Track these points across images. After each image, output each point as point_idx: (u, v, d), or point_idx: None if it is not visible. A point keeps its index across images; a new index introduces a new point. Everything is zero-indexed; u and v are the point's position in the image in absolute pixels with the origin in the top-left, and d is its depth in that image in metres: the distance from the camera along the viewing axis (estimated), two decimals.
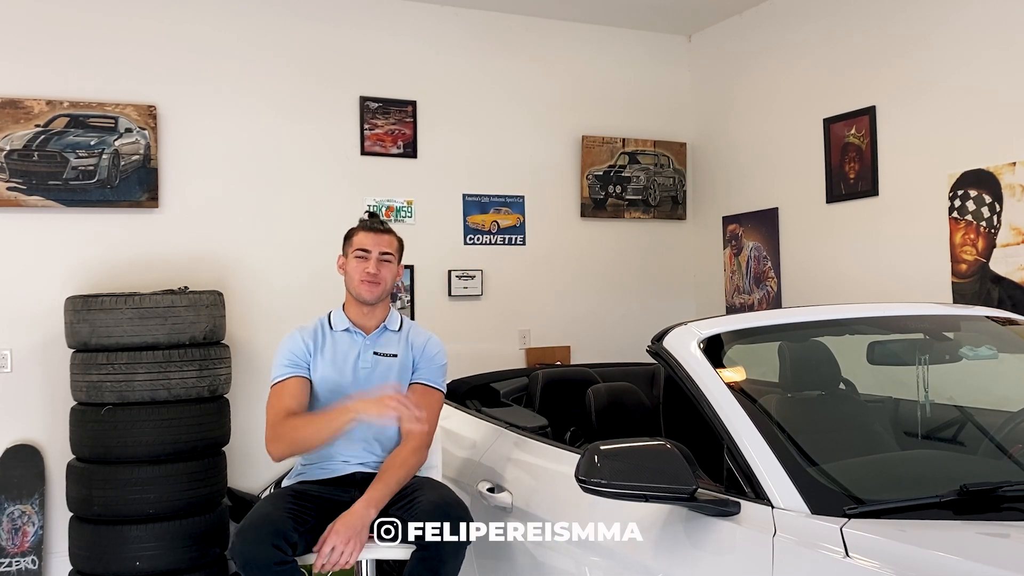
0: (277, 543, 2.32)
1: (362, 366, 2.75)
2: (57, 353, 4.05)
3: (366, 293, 2.74)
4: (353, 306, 2.81)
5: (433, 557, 2.38)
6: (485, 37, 5.16)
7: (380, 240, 2.78)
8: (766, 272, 5.10)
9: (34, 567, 4.02)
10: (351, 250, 2.79)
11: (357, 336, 2.78)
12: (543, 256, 5.27)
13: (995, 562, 1.52)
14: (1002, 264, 3.86)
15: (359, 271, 2.75)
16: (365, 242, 2.77)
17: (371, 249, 2.75)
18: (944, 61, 4.11)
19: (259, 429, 4.42)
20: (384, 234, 2.80)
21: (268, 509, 2.46)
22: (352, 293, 2.79)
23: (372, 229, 2.80)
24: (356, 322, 2.79)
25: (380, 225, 2.83)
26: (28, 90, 4.16)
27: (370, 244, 2.76)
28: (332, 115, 4.78)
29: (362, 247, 2.76)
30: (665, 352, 2.22)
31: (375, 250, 2.75)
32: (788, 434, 2.01)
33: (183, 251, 4.41)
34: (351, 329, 2.79)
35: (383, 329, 2.80)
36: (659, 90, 5.63)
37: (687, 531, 1.92)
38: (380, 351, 2.77)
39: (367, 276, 2.73)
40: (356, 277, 2.75)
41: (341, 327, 2.79)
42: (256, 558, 2.31)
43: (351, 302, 2.82)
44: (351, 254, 2.78)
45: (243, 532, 2.37)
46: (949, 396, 2.55)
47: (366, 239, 2.77)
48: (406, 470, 2.61)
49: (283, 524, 2.38)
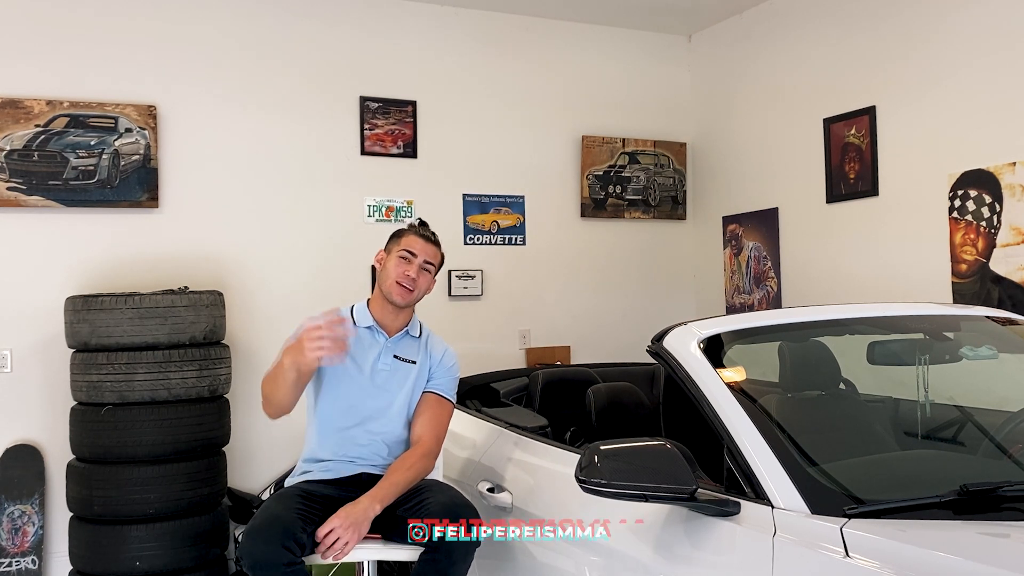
0: (287, 544, 2.31)
1: (380, 367, 2.73)
2: (57, 353, 4.05)
3: (397, 296, 2.72)
4: (379, 305, 2.78)
5: (443, 559, 2.38)
6: (485, 37, 5.16)
7: (427, 249, 2.76)
8: (766, 272, 5.10)
9: (34, 567, 4.02)
10: (397, 249, 2.75)
11: (379, 336, 2.76)
12: (543, 256, 5.27)
13: (995, 562, 1.52)
14: (1002, 264, 3.86)
15: (398, 271, 2.72)
16: (414, 245, 2.74)
17: (418, 254, 2.73)
18: (944, 61, 4.11)
19: (259, 429, 4.47)
20: (433, 244, 2.79)
21: (277, 510, 2.45)
22: (383, 291, 2.75)
23: (423, 236, 2.77)
24: (380, 321, 2.77)
25: (432, 235, 2.81)
26: (28, 90, 4.16)
27: (418, 249, 2.74)
28: (332, 115, 4.78)
29: (410, 249, 2.73)
30: (665, 352, 2.22)
31: (421, 256, 2.73)
32: (788, 434, 2.01)
33: (183, 251, 4.41)
34: (374, 328, 2.76)
35: (405, 333, 2.79)
36: (659, 90, 5.63)
37: (687, 531, 1.92)
38: (400, 355, 2.76)
39: (405, 279, 2.71)
40: (393, 276, 2.72)
41: (364, 323, 2.76)
42: (266, 559, 2.30)
43: (379, 300, 2.79)
44: (395, 252, 2.74)
45: (253, 532, 2.36)
46: (949, 396, 2.55)
47: (415, 243, 2.75)
48: (413, 473, 2.61)
49: (292, 525, 2.37)
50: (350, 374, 2.70)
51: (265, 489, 4.45)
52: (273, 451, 4.46)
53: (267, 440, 4.48)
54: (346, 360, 2.66)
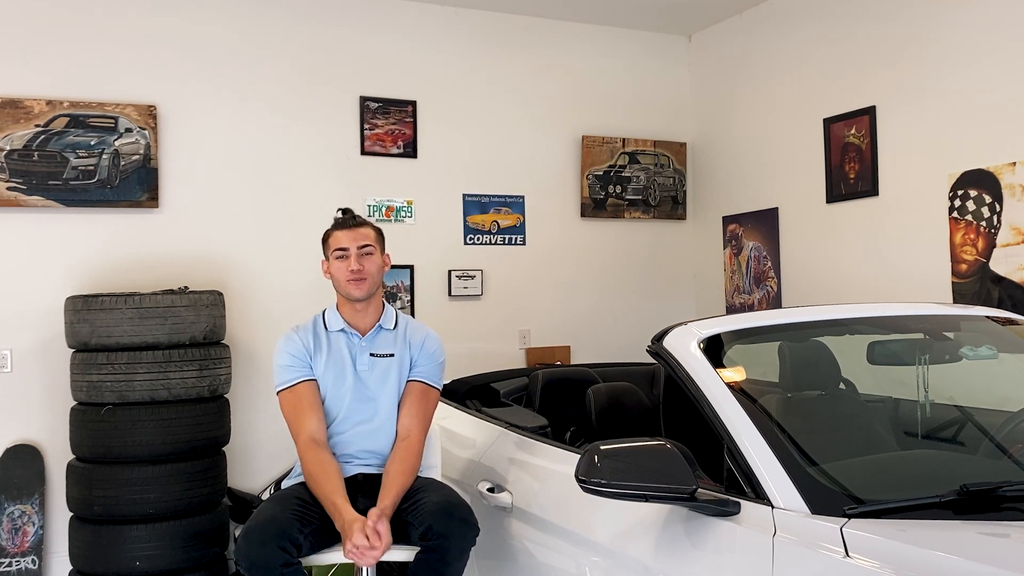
0: (283, 545, 2.31)
1: (360, 368, 2.73)
2: (57, 353, 4.06)
3: (355, 290, 2.71)
4: (346, 305, 2.78)
5: (439, 559, 2.38)
6: (485, 37, 5.16)
7: (357, 235, 2.74)
8: (766, 272, 5.10)
9: (34, 567, 4.02)
10: (331, 252, 2.75)
11: (353, 337, 2.76)
12: (543, 256, 5.27)
13: (995, 562, 1.52)
14: (1002, 264, 3.86)
15: (343, 271, 2.71)
16: (342, 240, 2.73)
17: (349, 246, 2.72)
18: (944, 61, 4.11)
19: (259, 429, 4.47)
20: (359, 227, 2.76)
21: (274, 511, 2.45)
22: (342, 294, 2.76)
23: (346, 226, 2.76)
24: (350, 321, 2.77)
25: (353, 220, 2.79)
26: (28, 90, 4.16)
27: (347, 241, 2.72)
28: (332, 115, 4.78)
29: (340, 246, 2.73)
30: (665, 352, 2.22)
31: (353, 246, 2.72)
32: (788, 434, 2.01)
33: (183, 251, 4.41)
34: (346, 330, 2.76)
35: (378, 328, 2.78)
36: (659, 90, 5.63)
37: (687, 531, 1.92)
38: (376, 352, 2.75)
39: (352, 275, 2.70)
40: (342, 278, 2.72)
41: (336, 327, 2.76)
42: (262, 560, 2.30)
43: (343, 301, 2.79)
44: (331, 256, 2.75)
45: (248, 534, 2.36)
46: (949, 396, 2.55)
47: (343, 237, 2.74)
48: (411, 474, 2.61)
49: (289, 526, 2.37)
50: (336, 384, 2.71)
51: (265, 489, 4.45)
52: (273, 451, 4.46)
53: (267, 440, 4.48)
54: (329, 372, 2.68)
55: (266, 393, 4.52)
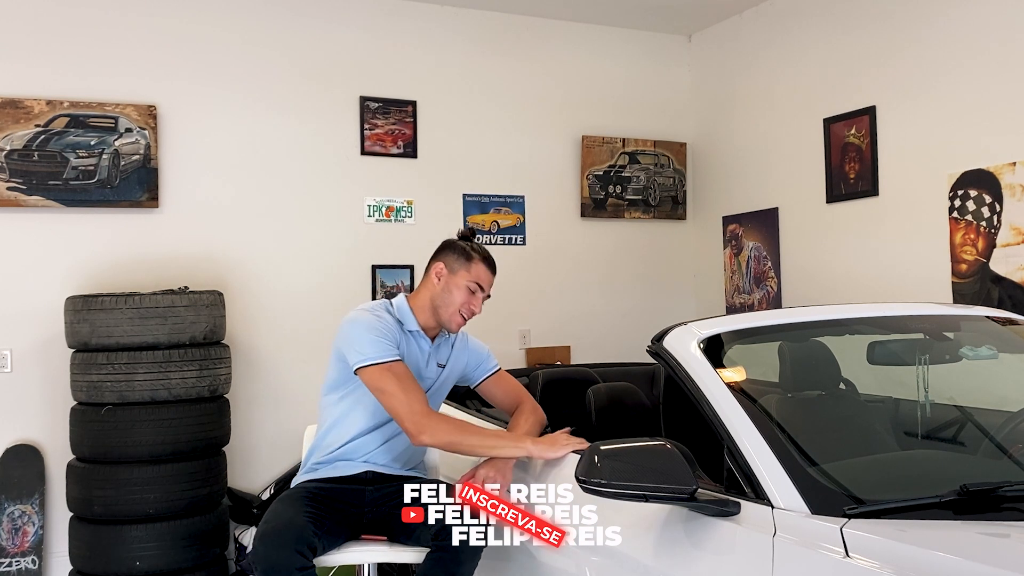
0: (300, 549, 2.31)
1: (428, 376, 2.69)
2: (57, 353, 4.05)
3: (455, 326, 2.66)
4: (426, 313, 2.68)
5: (450, 559, 2.37)
6: (485, 37, 5.16)
7: (492, 280, 2.71)
8: (766, 272, 5.10)
9: (34, 567, 4.02)
10: (467, 277, 2.64)
11: (424, 343, 2.70)
12: (543, 256, 5.27)
13: (995, 562, 1.52)
14: (1002, 264, 3.86)
15: (463, 302, 2.63)
16: (483, 278, 2.66)
17: (486, 288, 2.67)
18: (944, 61, 4.11)
19: (259, 429, 4.47)
20: (494, 275, 2.72)
21: (289, 514, 2.43)
22: (441, 315, 2.65)
23: (492, 268, 2.70)
24: (424, 326, 2.69)
25: (494, 265, 2.73)
26: (28, 90, 4.16)
27: (487, 281, 2.67)
28: (332, 115, 4.78)
29: (479, 281, 2.65)
30: (665, 352, 2.22)
31: (488, 290, 2.69)
32: (788, 434, 2.01)
33: (183, 251, 4.41)
34: (418, 332, 2.68)
35: (444, 336, 2.75)
36: (659, 90, 5.63)
37: (687, 531, 1.91)
38: (440, 362, 2.74)
39: (469, 312, 2.65)
40: (457, 305, 2.63)
41: (410, 327, 2.67)
42: (279, 564, 2.29)
43: (427, 310, 2.67)
44: (463, 280, 2.64)
45: (265, 537, 2.35)
46: (949, 396, 2.55)
47: (485, 276, 2.66)
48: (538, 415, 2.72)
49: (304, 529, 2.36)
50: None
51: (265, 489, 4.44)
52: (273, 451, 4.46)
53: (267, 440, 4.49)
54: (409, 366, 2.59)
55: (266, 393, 4.54)
